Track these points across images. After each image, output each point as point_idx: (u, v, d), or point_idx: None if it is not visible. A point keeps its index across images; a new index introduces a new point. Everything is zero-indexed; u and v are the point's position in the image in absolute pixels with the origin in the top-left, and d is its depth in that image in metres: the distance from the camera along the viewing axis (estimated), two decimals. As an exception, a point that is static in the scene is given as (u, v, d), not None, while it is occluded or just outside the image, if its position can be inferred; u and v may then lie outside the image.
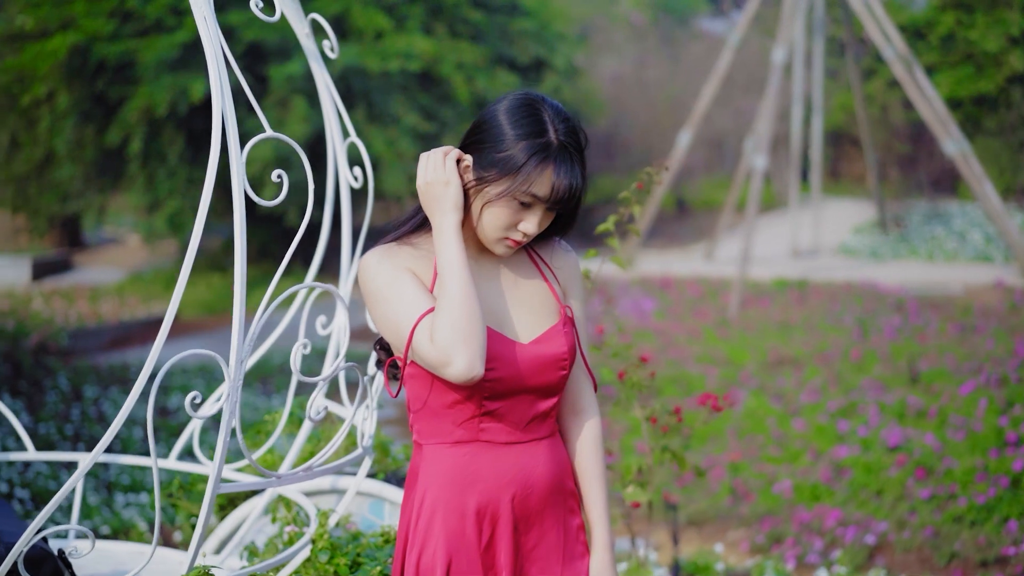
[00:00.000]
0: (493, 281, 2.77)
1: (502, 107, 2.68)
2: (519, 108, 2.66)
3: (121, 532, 6.30)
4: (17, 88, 15.47)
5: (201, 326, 14.29)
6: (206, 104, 14.84)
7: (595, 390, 2.93)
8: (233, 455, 4.03)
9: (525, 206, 2.65)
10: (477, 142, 2.68)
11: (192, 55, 14.65)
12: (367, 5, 15.93)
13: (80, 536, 3.89)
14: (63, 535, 3.94)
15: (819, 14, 17.73)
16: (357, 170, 3.45)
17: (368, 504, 3.74)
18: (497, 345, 2.67)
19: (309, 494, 3.75)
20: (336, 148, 3.49)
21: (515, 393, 2.70)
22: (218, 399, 3.36)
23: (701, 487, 7.35)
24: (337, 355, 2.87)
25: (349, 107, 15.63)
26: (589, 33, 25.94)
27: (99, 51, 14.65)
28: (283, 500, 3.56)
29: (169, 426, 8.62)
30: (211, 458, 3.76)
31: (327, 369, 2.85)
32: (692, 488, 7.32)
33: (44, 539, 2.81)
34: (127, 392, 9.69)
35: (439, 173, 2.67)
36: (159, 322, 14.58)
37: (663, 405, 4.17)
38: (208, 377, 10.33)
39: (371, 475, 4.04)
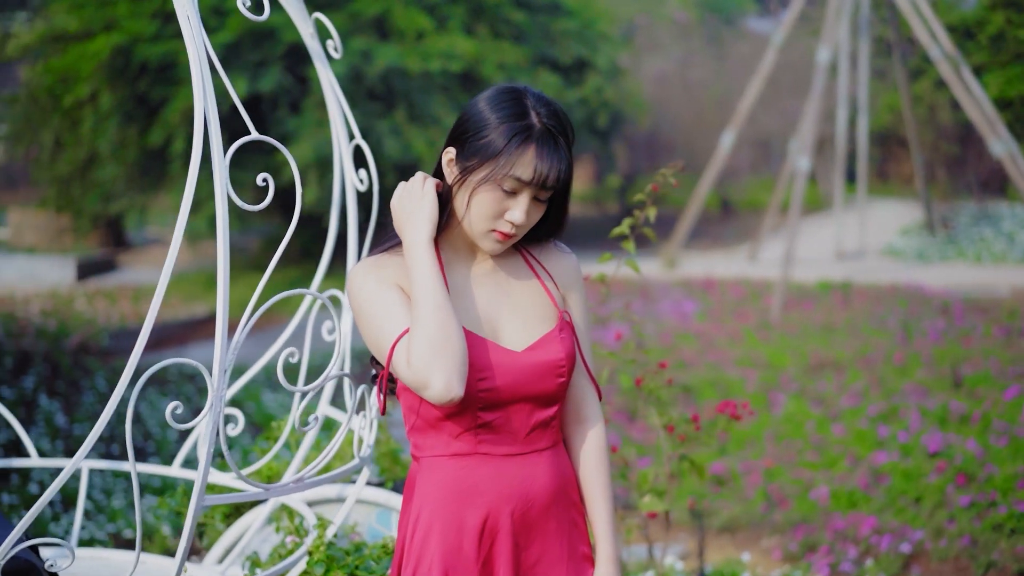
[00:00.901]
0: (486, 287, 2.69)
1: (484, 96, 2.63)
2: (500, 95, 2.62)
3: (146, 536, 6.27)
4: (60, 89, 15.56)
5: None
6: (246, 105, 14.86)
7: (599, 398, 2.83)
8: (242, 462, 3.98)
9: (509, 193, 2.57)
10: (460, 134, 2.62)
11: (234, 55, 14.69)
12: (408, 5, 15.90)
13: (70, 550, 3.83)
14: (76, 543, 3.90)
15: (865, 14, 17.53)
16: (363, 173, 3.39)
17: (376, 514, 3.67)
18: (489, 354, 2.59)
19: (314, 503, 3.69)
20: (342, 150, 3.43)
21: (512, 403, 2.61)
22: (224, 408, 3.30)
23: (736, 493, 7.25)
24: (334, 365, 2.79)
25: (390, 107, 15.62)
26: (633, 33, 25.81)
27: (141, 52, 14.70)
28: (286, 509, 3.50)
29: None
30: (220, 467, 3.71)
31: (327, 378, 2.77)
32: (726, 494, 7.22)
33: (35, 549, 2.75)
34: (164, 394, 9.69)
35: (415, 190, 2.63)
36: (200, 323, 14.62)
37: (681, 413, 4.07)
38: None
39: (379, 484, 3.98)
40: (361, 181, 3.39)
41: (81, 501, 3.55)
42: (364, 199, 4.08)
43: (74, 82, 15.30)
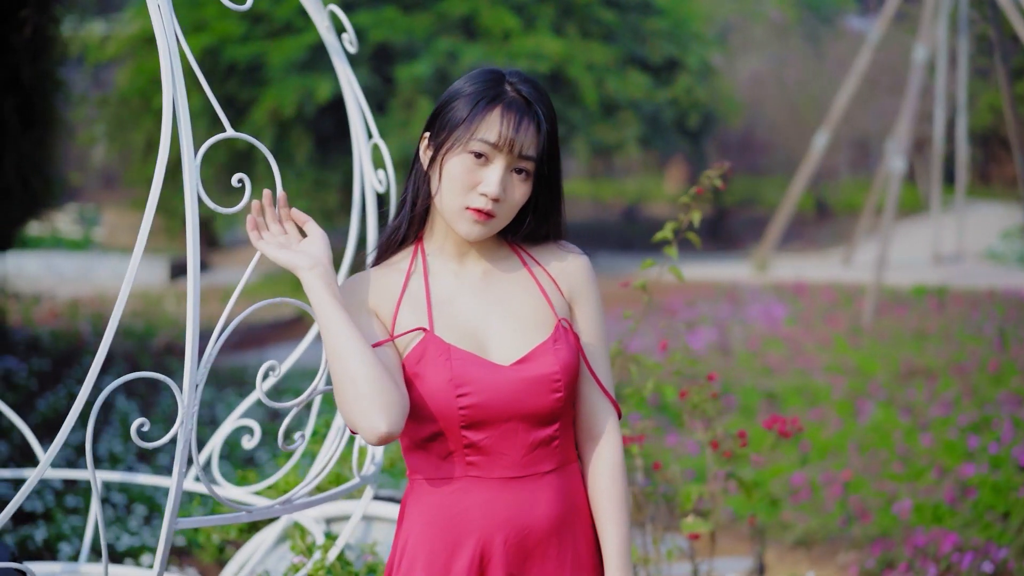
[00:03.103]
0: (475, 294, 2.49)
1: (463, 76, 2.49)
2: (478, 72, 2.48)
3: (197, 545, 6.17)
4: (151, 90, 15.68)
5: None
6: (333, 105, 14.86)
7: (619, 414, 2.58)
8: (257, 476, 3.85)
9: (480, 161, 2.39)
10: (436, 112, 2.48)
11: (320, 56, 14.69)
12: (496, 5, 15.79)
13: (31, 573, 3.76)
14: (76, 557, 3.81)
15: (963, 11, 17.11)
16: (381, 173, 3.25)
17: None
18: (471, 368, 2.38)
19: (335, 520, 3.54)
20: (361, 150, 3.29)
21: (502, 422, 2.39)
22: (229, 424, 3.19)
23: (816, 505, 7.01)
24: (321, 379, 2.64)
25: (476, 107, 15.58)
26: (728, 33, 25.51)
27: (230, 53, 14.77)
28: (298, 527, 3.37)
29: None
30: (234, 481, 3.59)
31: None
32: (806, 506, 6.99)
33: (22, 574, 2.64)
34: (242, 395, 9.63)
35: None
36: (287, 324, 14.61)
37: (726, 428, 3.87)
38: (309, 380, 10.12)
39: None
40: (380, 182, 3.25)
41: (92, 514, 3.45)
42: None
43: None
